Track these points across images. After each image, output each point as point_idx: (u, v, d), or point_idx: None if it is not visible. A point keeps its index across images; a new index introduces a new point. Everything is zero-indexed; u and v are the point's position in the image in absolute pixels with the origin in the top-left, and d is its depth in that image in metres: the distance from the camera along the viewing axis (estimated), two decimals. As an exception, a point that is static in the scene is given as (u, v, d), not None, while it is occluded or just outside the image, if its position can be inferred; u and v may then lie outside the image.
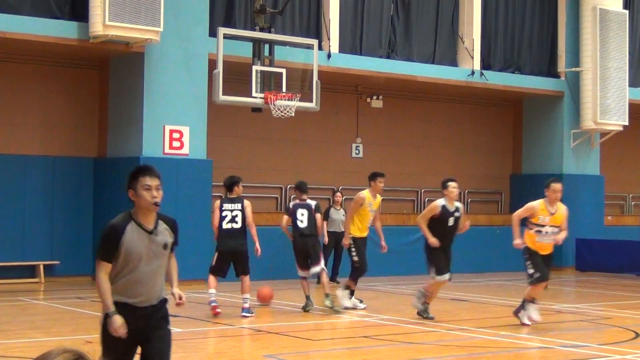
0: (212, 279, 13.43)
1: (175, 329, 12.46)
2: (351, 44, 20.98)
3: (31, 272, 18.29)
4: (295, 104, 17.69)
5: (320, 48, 19.28)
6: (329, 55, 19.90)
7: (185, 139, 18.18)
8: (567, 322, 14.49)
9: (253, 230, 13.51)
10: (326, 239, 18.36)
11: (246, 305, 13.42)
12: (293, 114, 17.82)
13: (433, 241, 13.00)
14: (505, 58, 23.74)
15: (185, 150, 18.18)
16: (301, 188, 14.64)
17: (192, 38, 18.23)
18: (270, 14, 18.64)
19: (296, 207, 14.31)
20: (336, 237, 18.41)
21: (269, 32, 18.29)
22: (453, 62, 22.74)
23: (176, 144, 18.08)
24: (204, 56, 18.18)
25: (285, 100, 17.58)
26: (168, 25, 17.45)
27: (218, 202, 13.70)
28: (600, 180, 24.75)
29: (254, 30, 18.22)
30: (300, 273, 14.22)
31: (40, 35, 16.84)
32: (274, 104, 17.46)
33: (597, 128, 23.81)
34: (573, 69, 24.03)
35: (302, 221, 14.12)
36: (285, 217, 14.49)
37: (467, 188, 24.17)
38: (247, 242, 13.50)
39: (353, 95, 22.67)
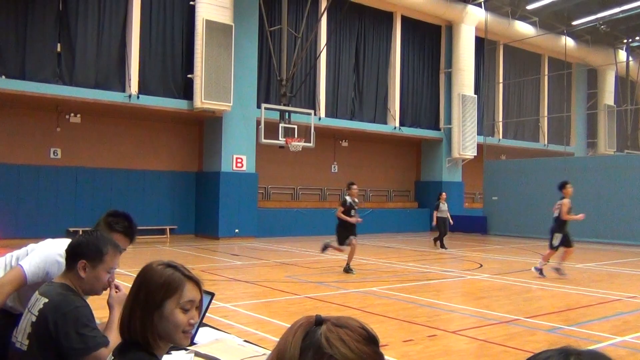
0: None
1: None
2: (332, 111, 20.15)
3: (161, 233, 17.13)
4: (302, 144, 17.14)
5: (315, 114, 18.69)
6: (319, 118, 19.32)
7: (244, 162, 17.55)
8: (435, 259, 13.02)
9: None
10: (435, 222, 15.66)
11: None
12: (300, 149, 17.30)
13: None
14: (412, 119, 22.55)
15: (244, 168, 17.54)
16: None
17: (248, 108, 17.55)
18: (288, 97, 18.06)
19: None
20: (444, 221, 15.64)
21: (288, 105, 17.79)
22: (384, 121, 21.74)
23: (239, 164, 17.52)
24: (254, 119, 17.53)
25: (296, 142, 17.07)
26: (235, 101, 16.96)
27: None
28: (461, 185, 23.87)
29: (280, 104, 17.72)
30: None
31: (167, 107, 16.23)
32: (290, 144, 17.04)
33: (459, 157, 23.01)
34: (447, 126, 23.27)
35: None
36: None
37: (392, 188, 23.87)
38: None
39: (331, 139, 21.90)
